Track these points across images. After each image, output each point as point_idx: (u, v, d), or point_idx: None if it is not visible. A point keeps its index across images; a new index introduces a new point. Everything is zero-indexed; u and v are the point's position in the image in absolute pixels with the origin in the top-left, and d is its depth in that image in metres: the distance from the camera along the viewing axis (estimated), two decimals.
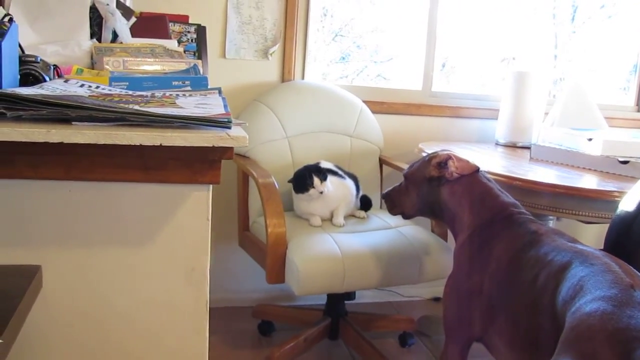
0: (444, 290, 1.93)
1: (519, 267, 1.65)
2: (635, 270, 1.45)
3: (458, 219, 1.94)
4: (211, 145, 1.00)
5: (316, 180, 2.45)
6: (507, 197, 1.91)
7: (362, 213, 2.66)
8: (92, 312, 1.11)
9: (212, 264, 1.15)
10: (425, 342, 2.88)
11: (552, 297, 1.49)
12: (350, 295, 2.68)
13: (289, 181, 2.54)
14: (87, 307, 1.10)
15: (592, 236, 3.30)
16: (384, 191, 2.23)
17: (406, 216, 2.16)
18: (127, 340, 1.14)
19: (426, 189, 2.02)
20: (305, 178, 2.47)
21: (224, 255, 3.03)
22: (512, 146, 3.08)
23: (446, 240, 2.60)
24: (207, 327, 1.17)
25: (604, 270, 1.42)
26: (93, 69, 1.61)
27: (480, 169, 1.99)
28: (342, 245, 2.31)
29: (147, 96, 1.21)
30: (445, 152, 2.01)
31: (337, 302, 2.71)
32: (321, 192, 2.46)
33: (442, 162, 1.97)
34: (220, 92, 1.35)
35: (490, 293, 1.72)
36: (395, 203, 2.16)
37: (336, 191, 2.54)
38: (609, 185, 2.16)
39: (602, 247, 2.02)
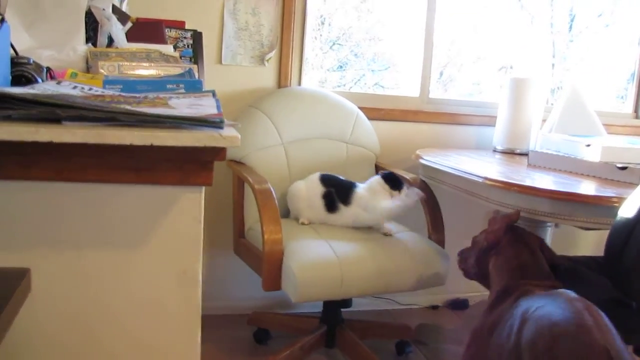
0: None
1: (500, 329, 1.61)
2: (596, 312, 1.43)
3: (492, 288, 1.87)
4: (203, 145, 0.99)
5: (405, 189, 2.50)
6: (538, 274, 1.79)
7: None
8: (81, 316, 1.09)
9: (207, 271, 1.14)
10: (423, 351, 2.86)
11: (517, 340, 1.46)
12: (346, 303, 2.65)
13: (382, 175, 2.55)
14: (77, 311, 1.08)
15: (591, 243, 3.28)
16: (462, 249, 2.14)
17: (467, 276, 2.07)
18: (117, 345, 1.11)
19: (481, 257, 1.95)
20: (401, 182, 2.52)
21: (219, 262, 3.01)
22: (510, 153, 3.07)
23: (443, 247, 2.58)
24: (199, 331, 1.15)
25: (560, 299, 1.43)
26: (88, 73, 1.60)
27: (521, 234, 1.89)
28: (338, 251, 2.29)
29: (139, 97, 1.19)
30: (501, 215, 1.92)
31: (333, 309, 2.69)
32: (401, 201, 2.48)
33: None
34: (214, 94, 1.34)
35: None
36: (464, 261, 2.07)
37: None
38: (607, 191, 2.14)
39: (601, 254, 2.01)
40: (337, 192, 2.56)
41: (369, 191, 2.53)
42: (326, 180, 2.61)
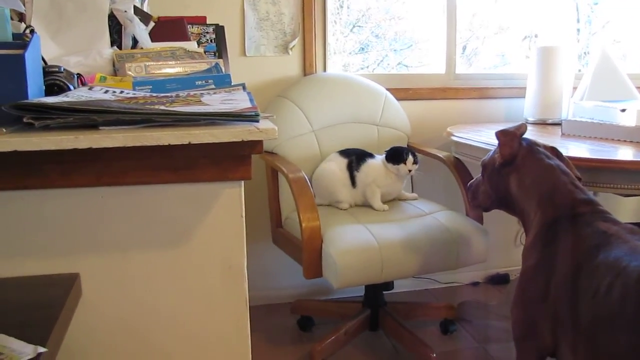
0: (514, 293, 1.73)
1: (586, 275, 1.46)
2: None
3: (526, 214, 1.74)
4: (240, 140, 0.99)
5: (410, 158, 2.55)
6: (581, 194, 1.65)
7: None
8: (132, 316, 1.10)
9: (247, 263, 1.14)
10: (467, 328, 2.85)
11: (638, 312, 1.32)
12: (388, 285, 2.65)
13: (385, 151, 2.62)
14: (127, 312, 1.10)
15: (632, 209, 3.23)
16: (470, 182, 2.06)
17: (483, 209, 2.00)
18: (168, 342, 1.13)
19: (496, 179, 1.84)
20: (401, 153, 2.57)
21: (258, 253, 3.03)
22: (542, 123, 3.03)
23: (482, 224, 2.56)
24: (248, 325, 1.15)
25: None
26: (116, 75, 1.61)
27: (538, 148, 1.77)
28: (377, 235, 2.29)
29: (171, 96, 1.20)
30: (507, 129, 1.82)
31: (375, 293, 2.69)
32: (409, 171, 2.56)
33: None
34: (244, 88, 1.34)
35: (556, 302, 1.53)
36: (474, 194, 1.98)
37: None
38: None
39: None
40: (356, 161, 2.64)
41: (381, 163, 2.63)
42: (345, 152, 2.68)
